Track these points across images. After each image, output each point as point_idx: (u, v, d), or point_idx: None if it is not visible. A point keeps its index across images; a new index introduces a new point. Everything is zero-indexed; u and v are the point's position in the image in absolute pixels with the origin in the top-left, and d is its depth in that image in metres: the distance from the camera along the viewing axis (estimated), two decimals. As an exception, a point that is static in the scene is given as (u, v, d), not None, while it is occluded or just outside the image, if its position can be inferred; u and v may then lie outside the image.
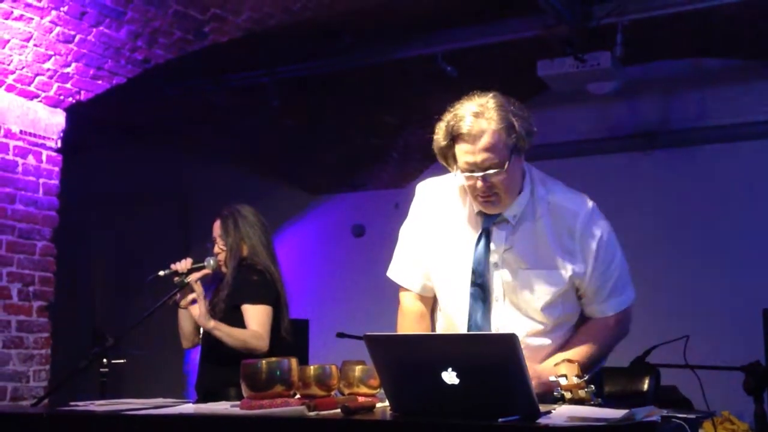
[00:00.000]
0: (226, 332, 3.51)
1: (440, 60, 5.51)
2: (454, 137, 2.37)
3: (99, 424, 2.33)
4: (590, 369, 2.42)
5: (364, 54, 5.79)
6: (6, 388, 5.05)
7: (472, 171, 2.36)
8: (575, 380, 2.11)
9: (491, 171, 2.34)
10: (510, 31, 5.41)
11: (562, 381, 2.13)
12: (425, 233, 2.61)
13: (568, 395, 2.11)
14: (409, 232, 2.66)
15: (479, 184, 2.36)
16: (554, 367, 2.26)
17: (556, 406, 2.09)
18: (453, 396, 1.94)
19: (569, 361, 2.17)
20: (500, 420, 1.85)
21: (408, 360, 2.03)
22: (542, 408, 1.96)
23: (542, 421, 1.87)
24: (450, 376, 1.93)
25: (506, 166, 2.34)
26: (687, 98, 6.58)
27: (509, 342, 1.92)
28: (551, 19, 5.16)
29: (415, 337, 2.36)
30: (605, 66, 5.35)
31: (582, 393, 2.09)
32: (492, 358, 1.93)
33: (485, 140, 2.32)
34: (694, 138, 6.54)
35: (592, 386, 2.09)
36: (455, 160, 2.41)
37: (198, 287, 3.55)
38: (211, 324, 3.51)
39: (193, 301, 3.54)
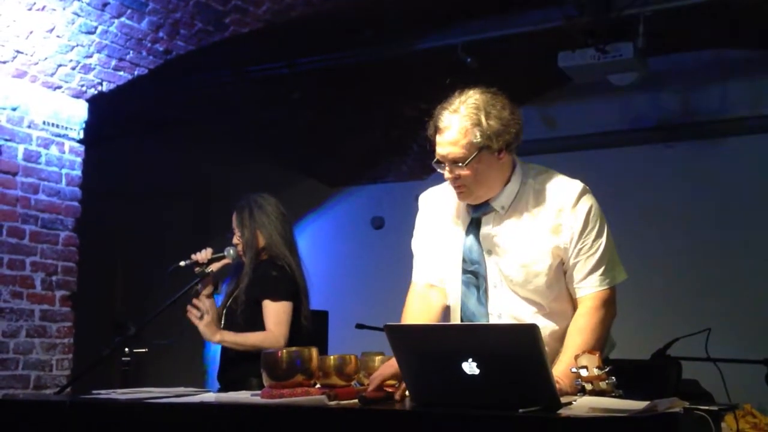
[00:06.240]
0: (233, 341, 3.52)
1: (460, 51, 5.49)
2: (435, 129, 2.54)
3: (121, 412, 2.35)
4: None
5: (385, 46, 5.77)
6: (29, 376, 5.10)
7: (440, 162, 2.51)
8: (596, 372, 2.10)
9: (454, 164, 2.47)
10: (531, 22, 5.39)
11: (583, 372, 2.12)
12: (431, 238, 2.69)
13: (589, 387, 2.10)
14: (417, 243, 2.75)
15: (447, 174, 2.51)
16: (575, 359, 2.26)
17: (577, 397, 2.09)
18: (473, 386, 1.94)
19: (590, 352, 2.16)
20: (521, 411, 1.84)
21: (428, 350, 2.03)
22: (563, 399, 1.96)
23: (563, 412, 1.87)
24: (470, 367, 1.93)
25: (468, 161, 2.44)
26: (709, 90, 6.51)
27: (530, 332, 1.92)
28: (573, 10, 5.13)
29: (435, 327, 2.37)
30: (627, 57, 5.31)
31: (603, 384, 2.08)
32: (513, 348, 1.92)
33: (450, 134, 2.47)
34: (716, 130, 6.47)
35: (614, 378, 2.08)
36: None
37: (204, 303, 3.53)
38: (217, 337, 3.51)
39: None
